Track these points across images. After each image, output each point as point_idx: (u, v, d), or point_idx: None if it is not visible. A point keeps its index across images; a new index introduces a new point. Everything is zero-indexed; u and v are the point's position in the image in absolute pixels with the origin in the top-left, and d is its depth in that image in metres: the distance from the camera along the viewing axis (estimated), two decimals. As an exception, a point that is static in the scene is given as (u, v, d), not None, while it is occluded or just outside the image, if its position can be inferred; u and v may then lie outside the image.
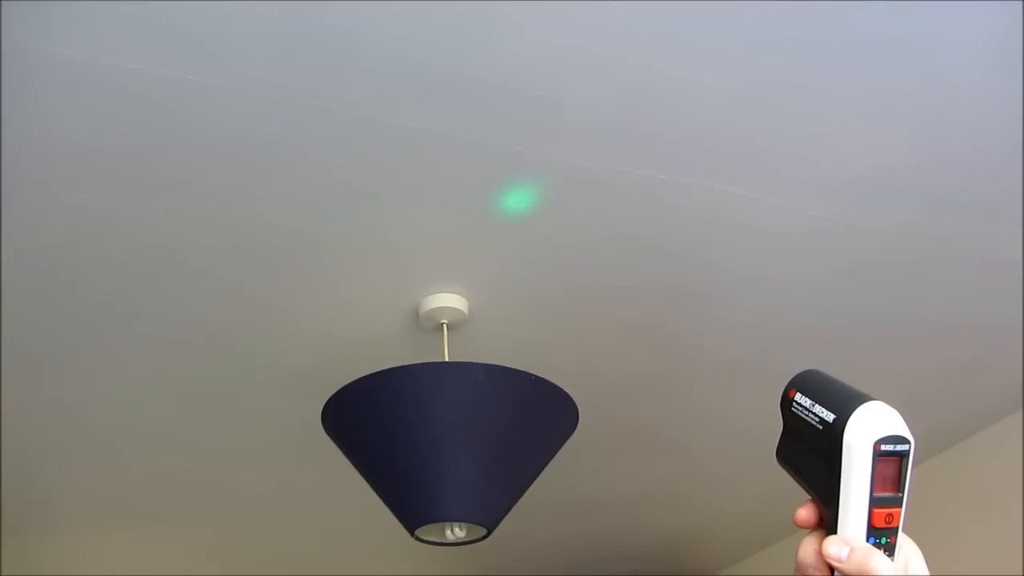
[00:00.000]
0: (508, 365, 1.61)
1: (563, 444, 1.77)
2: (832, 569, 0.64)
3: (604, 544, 3.08)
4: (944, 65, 1.33)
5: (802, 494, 0.69)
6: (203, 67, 1.24)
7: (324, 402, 1.66)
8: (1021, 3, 1.22)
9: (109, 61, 1.21)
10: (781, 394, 0.71)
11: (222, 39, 1.20)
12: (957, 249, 1.75)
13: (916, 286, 1.85)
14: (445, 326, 1.80)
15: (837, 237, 1.69)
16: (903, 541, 0.65)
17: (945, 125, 1.45)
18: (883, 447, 0.63)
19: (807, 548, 0.66)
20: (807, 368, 0.72)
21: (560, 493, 2.61)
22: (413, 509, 1.60)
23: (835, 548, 0.63)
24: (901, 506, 0.64)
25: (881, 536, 0.64)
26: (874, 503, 0.63)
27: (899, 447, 0.64)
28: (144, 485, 2.44)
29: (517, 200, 1.57)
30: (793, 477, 0.70)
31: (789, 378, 0.71)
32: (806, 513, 0.67)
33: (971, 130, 1.46)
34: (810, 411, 0.67)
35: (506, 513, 1.66)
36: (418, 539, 1.66)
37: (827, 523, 0.66)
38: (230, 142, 1.38)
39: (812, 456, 0.67)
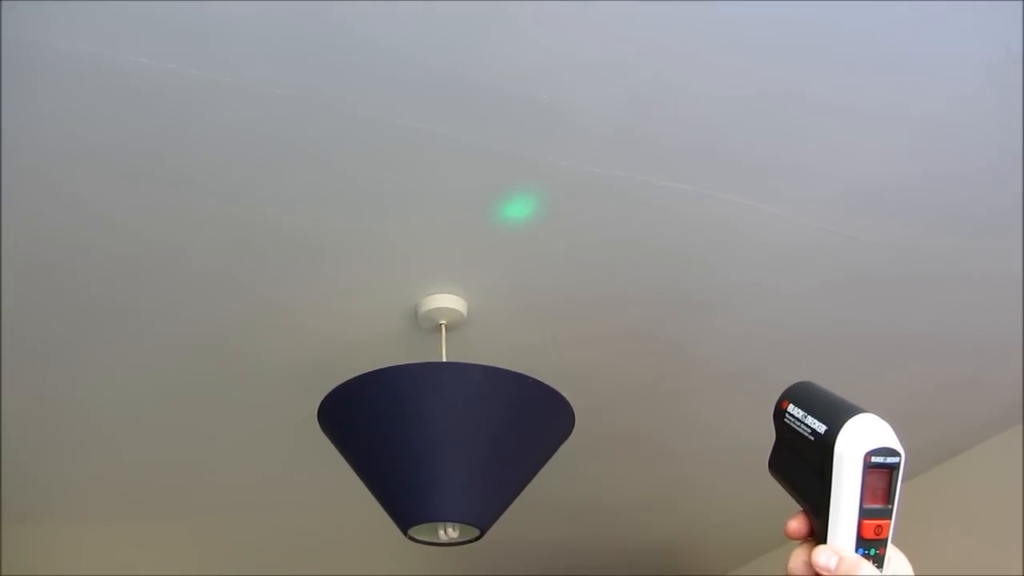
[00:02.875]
0: (505, 367, 1.61)
1: (558, 448, 1.77)
2: None
3: (596, 549, 3.09)
4: (947, 79, 1.34)
5: (794, 505, 0.70)
6: (207, 62, 1.24)
7: (321, 400, 1.66)
8: (1022, 21, 1.23)
9: (113, 55, 1.22)
10: (774, 405, 0.71)
11: (227, 35, 1.20)
12: (956, 263, 1.75)
13: (915, 299, 1.85)
14: (443, 327, 1.80)
15: (836, 248, 1.70)
16: (892, 553, 0.66)
17: (947, 139, 1.46)
18: (874, 459, 0.64)
19: (797, 559, 0.66)
20: (800, 380, 0.72)
21: (553, 497, 2.62)
22: (406, 508, 1.60)
23: (824, 558, 0.64)
24: (891, 518, 0.64)
25: (870, 547, 0.64)
26: (864, 514, 0.64)
27: (889, 459, 0.64)
28: (141, 479, 2.44)
29: (517, 209, 1.57)
30: (785, 488, 0.70)
31: (784, 388, 0.72)
32: (797, 524, 0.68)
33: (972, 144, 1.47)
34: (802, 422, 0.68)
35: (499, 515, 1.66)
36: (411, 539, 1.66)
37: (817, 534, 0.66)
38: (233, 138, 1.38)
39: (804, 467, 0.67)
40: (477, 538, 1.65)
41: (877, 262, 1.74)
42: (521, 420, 1.65)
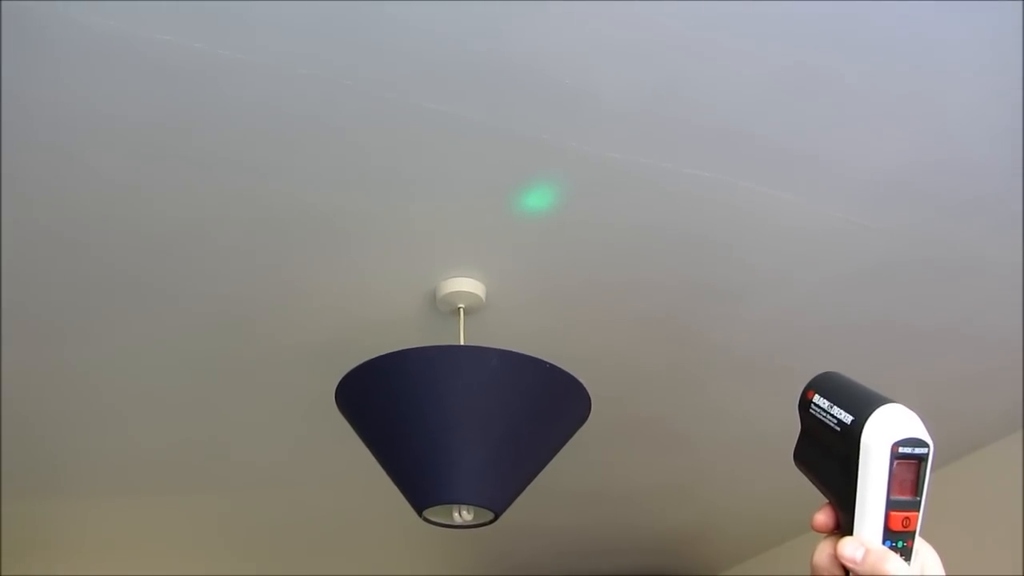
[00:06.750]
0: (523, 352, 1.61)
1: (574, 433, 1.77)
2: (847, 571, 0.64)
3: (610, 535, 3.09)
4: (971, 69, 1.32)
5: (815, 496, 0.69)
6: (234, 41, 1.24)
7: (338, 380, 1.67)
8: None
9: (140, 32, 1.22)
10: (799, 395, 0.70)
11: (254, 15, 1.20)
12: (980, 255, 1.73)
13: (936, 291, 1.83)
14: (462, 310, 1.80)
15: (857, 238, 1.68)
16: (920, 545, 0.65)
17: (971, 129, 1.44)
18: (901, 450, 0.63)
19: (822, 552, 0.66)
20: (826, 370, 0.71)
21: (568, 483, 2.62)
22: (422, 489, 1.60)
23: (850, 549, 0.63)
24: (919, 510, 0.64)
25: (898, 540, 0.63)
26: (891, 506, 0.63)
27: (917, 450, 0.63)
28: (153, 454, 2.46)
29: (537, 199, 1.56)
30: (810, 479, 0.69)
31: (803, 377, 0.71)
32: (824, 517, 0.67)
33: (997, 135, 1.45)
34: (828, 413, 0.67)
35: (514, 498, 1.66)
36: (426, 520, 1.66)
37: (843, 526, 0.65)
38: (257, 117, 1.38)
39: (829, 458, 0.66)
40: (491, 521, 1.66)
41: (898, 252, 1.72)
42: (538, 405, 1.65)
